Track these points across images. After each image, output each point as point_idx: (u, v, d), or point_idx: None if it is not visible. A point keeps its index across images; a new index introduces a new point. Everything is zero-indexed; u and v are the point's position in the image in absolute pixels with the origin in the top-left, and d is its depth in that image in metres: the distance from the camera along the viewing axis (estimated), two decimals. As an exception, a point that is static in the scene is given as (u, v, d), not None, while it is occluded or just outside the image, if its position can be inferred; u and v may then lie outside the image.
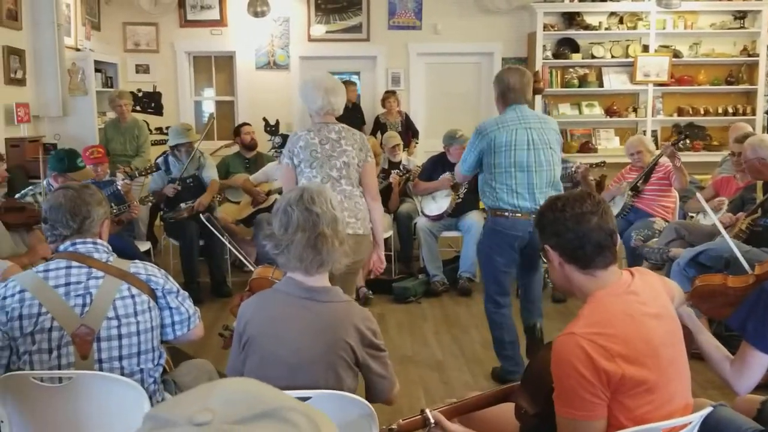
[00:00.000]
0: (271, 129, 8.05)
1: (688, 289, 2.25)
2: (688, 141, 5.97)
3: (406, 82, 8.12)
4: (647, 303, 1.75)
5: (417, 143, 7.55)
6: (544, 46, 7.76)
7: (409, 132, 7.45)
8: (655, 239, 4.71)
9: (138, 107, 7.70)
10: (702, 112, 7.92)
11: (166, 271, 2.30)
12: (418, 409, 1.85)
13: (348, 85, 6.65)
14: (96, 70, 6.91)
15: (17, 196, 4.04)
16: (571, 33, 7.88)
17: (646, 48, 7.85)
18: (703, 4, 7.79)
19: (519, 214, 3.44)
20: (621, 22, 7.87)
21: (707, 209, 3.92)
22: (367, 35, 8.00)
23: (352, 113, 7.14)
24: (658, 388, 1.68)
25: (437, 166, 5.68)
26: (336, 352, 1.92)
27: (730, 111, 7.89)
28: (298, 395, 1.78)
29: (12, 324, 2.02)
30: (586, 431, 1.65)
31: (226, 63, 8.16)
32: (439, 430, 1.80)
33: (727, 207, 4.45)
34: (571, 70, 7.97)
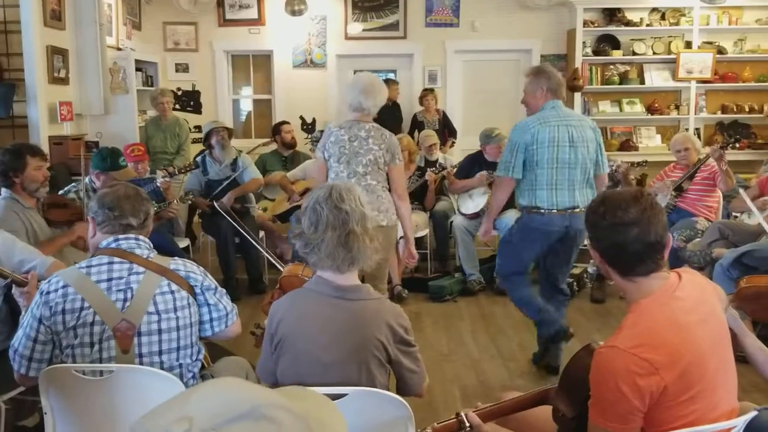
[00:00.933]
0: (308, 127, 8.09)
1: (731, 291, 2.19)
2: (737, 144, 5.80)
3: (443, 79, 8.09)
4: (693, 309, 1.69)
5: (454, 142, 7.51)
6: (583, 42, 7.65)
7: (446, 130, 7.41)
8: (698, 239, 4.61)
9: (177, 106, 7.82)
10: (747, 109, 7.73)
11: (204, 268, 2.33)
12: (454, 408, 1.84)
13: (390, 84, 6.69)
14: (137, 69, 7.04)
15: (60, 192, 4.10)
16: (612, 29, 7.75)
17: (689, 44, 7.68)
18: (749, -2, 7.58)
19: (555, 210, 3.47)
20: (663, 18, 7.71)
21: (752, 208, 3.82)
22: (404, 33, 7.99)
23: (391, 111, 7.15)
24: (703, 396, 1.63)
25: (474, 164, 5.65)
26: (368, 349, 1.92)
27: (775, 108, 7.68)
28: (332, 393, 1.78)
29: (55, 318, 2.05)
30: None
31: (263, 61, 8.23)
32: None
33: (774, 207, 4.32)
34: (612, 67, 7.83)
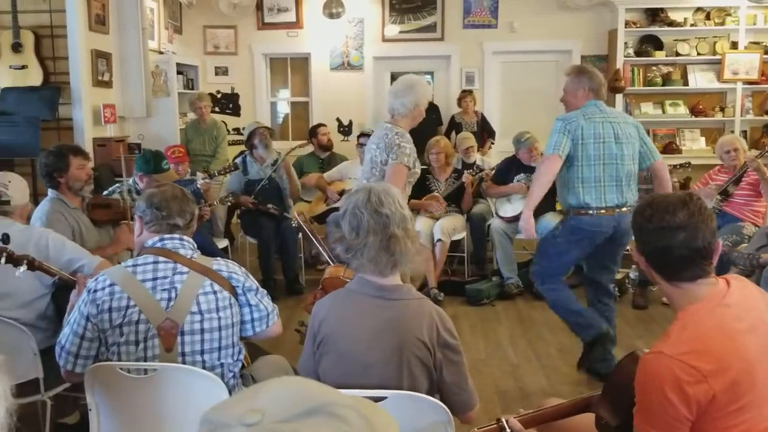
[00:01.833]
0: (345, 129, 8.12)
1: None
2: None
3: (480, 81, 8.03)
4: (742, 316, 1.63)
5: (493, 143, 7.45)
6: (625, 43, 7.52)
7: (485, 132, 7.36)
8: (744, 245, 4.49)
9: (216, 108, 7.93)
10: (795, 111, 7.52)
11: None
12: (492, 413, 1.80)
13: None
14: (178, 72, 7.15)
15: (105, 193, 4.17)
16: (655, 30, 7.60)
17: (734, 45, 7.49)
18: (798, -3, 7.37)
19: (603, 210, 3.42)
20: (708, 17, 7.54)
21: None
22: (442, 35, 7.95)
23: (428, 113, 7.09)
24: (752, 407, 1.57)
25: (511, 167, 5.61)
26: (409, 349, 1.90)
27: (825, 111, 7.45)
28: (373, 395, 1.77)
29: (102, 316, 2.09)
30: None
31: (301, 64, 8.28)
32: None
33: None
34: (654, 68, 7.67)
